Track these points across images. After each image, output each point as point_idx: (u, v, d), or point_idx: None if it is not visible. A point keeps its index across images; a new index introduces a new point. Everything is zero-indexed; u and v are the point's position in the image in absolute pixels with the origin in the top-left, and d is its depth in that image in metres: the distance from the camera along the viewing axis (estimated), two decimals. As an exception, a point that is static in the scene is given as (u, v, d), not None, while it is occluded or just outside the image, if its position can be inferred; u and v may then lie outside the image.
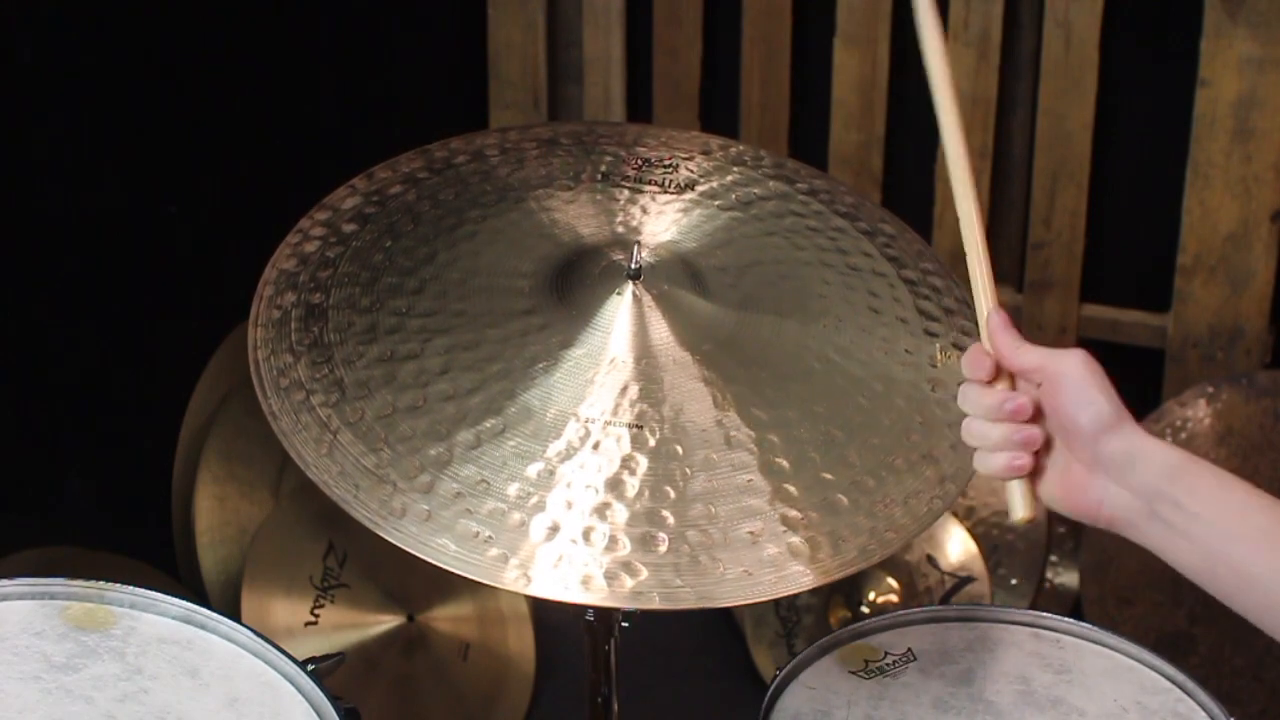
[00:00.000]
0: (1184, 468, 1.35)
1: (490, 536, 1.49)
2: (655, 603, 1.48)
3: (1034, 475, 1.39)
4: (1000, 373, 1.41)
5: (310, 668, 1.58)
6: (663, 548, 1.50)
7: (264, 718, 1.53)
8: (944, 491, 1.60)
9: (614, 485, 1.53)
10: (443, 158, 1.81)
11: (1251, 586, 1.33)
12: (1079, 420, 1.36)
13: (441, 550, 1.48)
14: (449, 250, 1.70)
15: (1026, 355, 1.40)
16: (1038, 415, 1.39)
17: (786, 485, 1.56)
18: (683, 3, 2.89)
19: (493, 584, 1.49)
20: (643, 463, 1.54)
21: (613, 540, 1.50)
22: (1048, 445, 1.39)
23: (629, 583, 1.48)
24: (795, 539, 1.53)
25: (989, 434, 1.38)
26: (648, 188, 1.80)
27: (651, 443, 1.56)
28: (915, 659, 1.74)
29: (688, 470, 1.55)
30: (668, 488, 1.54)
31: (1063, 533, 2.76)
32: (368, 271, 1.67)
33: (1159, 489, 1.35)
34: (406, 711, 2.47)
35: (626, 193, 1.79)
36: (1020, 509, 1.39)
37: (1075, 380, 1.36)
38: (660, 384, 1.60)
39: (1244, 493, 1.35)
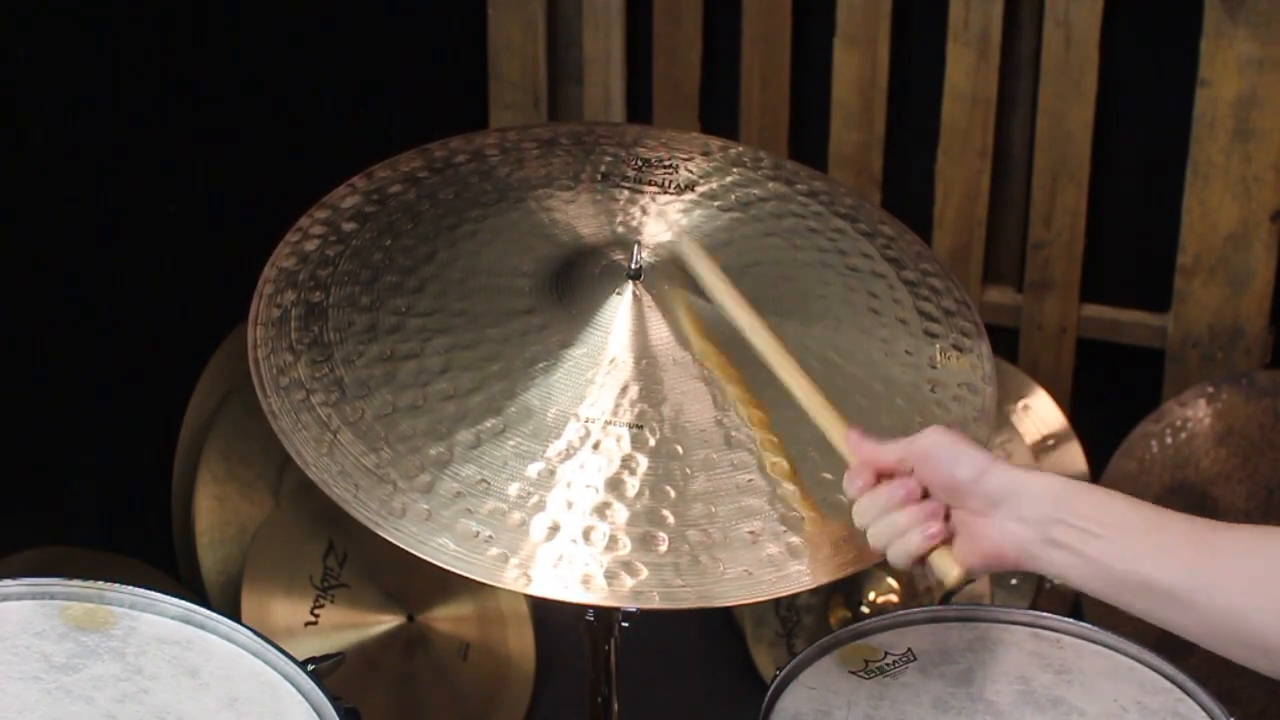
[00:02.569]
0: (1065, 488, 1.42)
1: (490, 536, 1.49)
2: (655, 602, 1.48)
3: (946, 543, 1.46)
4: (879, 478, 1.48)
5: (310, 668, 1.58)
6: (663, 547, 1.50)
7: (264, 718, 1.53)
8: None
9: (614, 485, 1.53)
10: (442, 157, 1.81)
11: (1148, 589, 1.38)
12: (958, 475, 1.44)
13: (441, 550, 1.48)
14: (449, 249, 1.70)
15: (891, 449, 1.48)
16: (926, 494, 1.47)
17: (786, 485, 1.56)
18: (683, 3, 2.89)
19: (493, 584, 1.49)
20: (643, 462, 1.54)
21: (613, 540, 1.50)
22: (946, 515, 1.46)
23: (629, 582, 1.48)
24: (795, 539, 1.53)
25: (896, 522, 1.46)
26: (648, 188, 1.80)
27: (651, 442, 1.56)
28: (915, 659, 1.74)
29: (688, 470, 1.55)
30: (668, 487, 1.54)
31: (1063, 533, 2.76)
32: (368, 270, 1.67)
33: (1046, 513, 1.41)
34: (406, 711, 2.47)
35: (626, 193, 1.79)
36: (951, 572, 1.45)
37: (940, 445, 1.46)
38: (660, 384, 1.60)
39: (1126, 502, 1.42)
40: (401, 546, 1.49)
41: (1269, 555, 1.36)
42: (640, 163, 1.83)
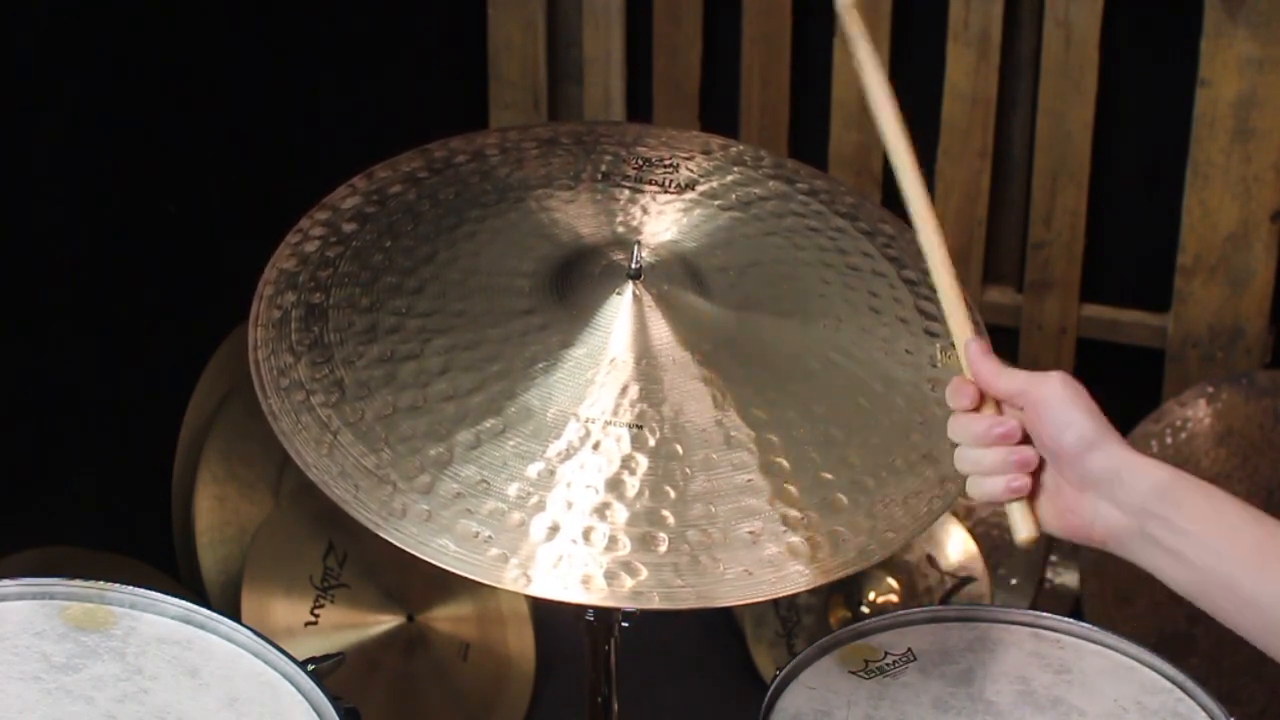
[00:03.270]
0: (1173, 484, 1.36)
1: (490, 536, 1.49)
2: (655, 602, 1.48)
3: (1030, 496, 1.40)
4: (984, 400, 1.42)
5: (310, 668, 1.58)
6: (663, 547, 1.50)
7: (264, 718, 1.53)
8: (944, 491, 1.60)
9: (614, 485, 1.53)
10: (443, 157, 1.81)
11: (1244, 604, 1.33)
12: (1064, 440, 1.37)
13: (441, 550, 1.48)
14: (449, 250, 1.70)
15: (1008, 380, 1.41)
16: (1025, 439, 1.40)
17: (786, 485, 1.56)
18: (683, 3, 2.89)
19: (493, 584, 1.49)
20: (643, 463, 1.54)
21: (613, 540, 1.50)
22: (1039, 468, 1.40)
23: (629, 582, 1.48)
24: (795, 539, 1.53)
25: (983, 459, 1.40)
26: (648, 188, 1.80)
27: (651, 443, 1.56)
28: (915, 659, 1.74)
29: (688, 470, 1.55)
30: (668, 488, 1.54)
31: (1063, 533, 2.76)
32: (368, 271, 1.67)
33: (1147, 506, 1.35)
34: (406, 711, 2.47)
35: (626, 193, 1.79)
36: (1023, 529, 1.40)
37: (1058, 401, 1.37)
38: (660, 384, 1.60)
39: (1234, 509, 1.35)
40: (401, 547, 1.49)
41: None
42: (640, 162, 1.83)
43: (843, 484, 1.57)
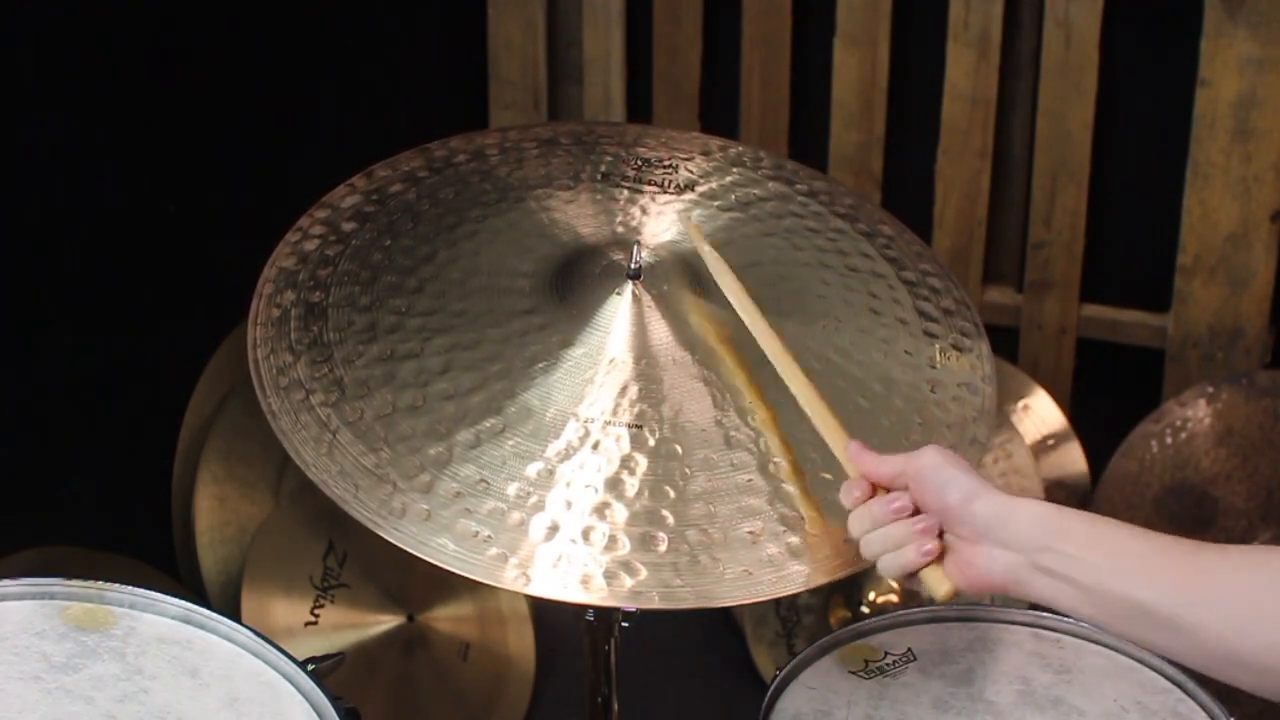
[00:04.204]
0: (1053, 516, 1.43)
1: (490, 536, 1.49)
2: (655, 602, 1.48)
3: (940, 557, 1.48)
4: (875, 490, 1.50)
5: (310, 668, 1.58)
6: (662, 547, 1.50)
7: (264, 718, 1.53)
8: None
9: (613, 485, 1.53)
10: (443, 157, 1.81)
11: (1142, 616, 1.39)
12: (947, 499, 1.45)
13: (441, 550, 1.48)
14: (449, 249, 1.70)
15: (887, 465, 1.50)
16: (918, 512, 1.48)
17: (786, 485, 1.56)
18: (683, 3, 2.89)
19: (492, 584, 1.49)
20: (642, 462, 1.54)
21: (612, 540, 1.50)
22: (940, 532, 1.48)
23: (628, 582, 1.48)
24: (795, 539, 1.53)
25: (889, 537, 1.47)
26: (647, 188, 1.80)
27: (651, 442, 1.56)
28: (915, 659, 1.74)
29: (687, 470, 1.55)
30: (667, 487, 1.54)
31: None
32: (367, 270, 1.67)
33: (1034, 540, 1.42)
34: (406, 711, 2.47)
35: (626, 193, 1.79)
36: (940, 588, 1.46)
37: (934, 467, 1.47)
38: (660, 384, 1.60)
39: (1113, 528, 1.42)
40: (401, 546, 1.49)
41: (1260, 574, 1.36)
42: (640, 162, 1.83)
43: (843, 484, 1.57)
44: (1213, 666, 1.38)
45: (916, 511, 1.47)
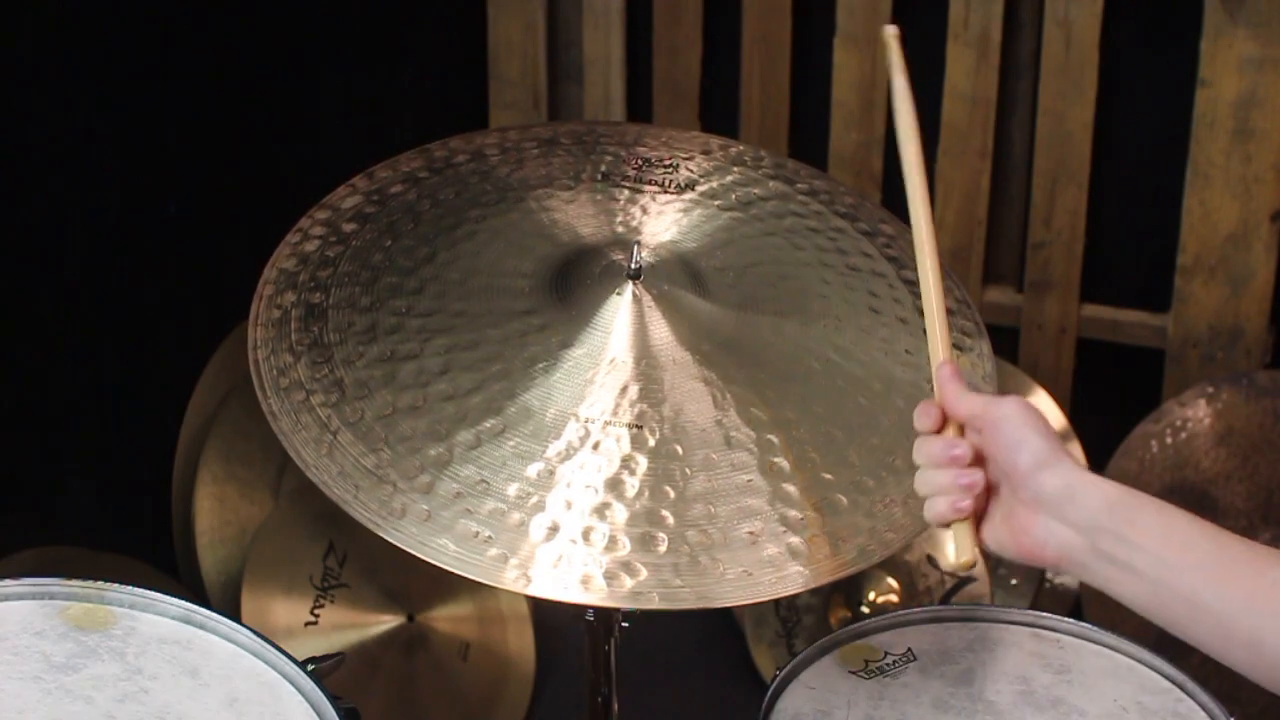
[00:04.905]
0: (1123, 501, 1.36)
1: (490, 536, 1.49)
2: (655, 603, 1.48)
3: (978, 520, 1.42)
4: (947, 422, 1.43)
5: (310, 668, 1.58)
6: (662, 548, 1.50)
7: (264, 718, 1.53)
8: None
9: (614, 485, 1.53)
10: (443, 157, 1.81)
11: (1201, 616, 1.34)
12: (1017, 460, 1.38)
13: (441, 550, 1.48)
14: (449, 250, 1.70)
15: (968, 403, 1.42)
16: (981, 461, 1.41)
17: (786, 485, 1.56)
18: (683, 3, 2.89)
19: (492, 584, 1.49)
20: (642, 463, 1.54)
21: (612, 540, 1.50)
22: (993, 491, 1.41)
23: (629, 583, 1.48)
24: (795, 539, 1.53)
25: (935, 480, 1.41)
26: (648, 188, 1.80)
27: (651, 443, 1.56)
28: (915, 659, 1.74)
29: (687, 470, 1.55)
30: (667, 488, 1.53)
31: (1063, 533, 2.76)
32: (368, 271, 1.67)
33: (1100, 523, 1.36)
34: (406, 711, 2.47)
35: (626, 193, 1.79)
36: (962, 552, 1.41)
37: (1012, 422, 1.39)
38: (660, 384, 1.60)
39: (1185, 522, 1.36)
40: (401, 547, 1.49)
41: None
42: (640, 162, 1.83)
43: (843, 484, 1.57)
44: (1264, 676, 1.34)
45: (978, 460, 1.41)
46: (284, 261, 1.68)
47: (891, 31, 1.57)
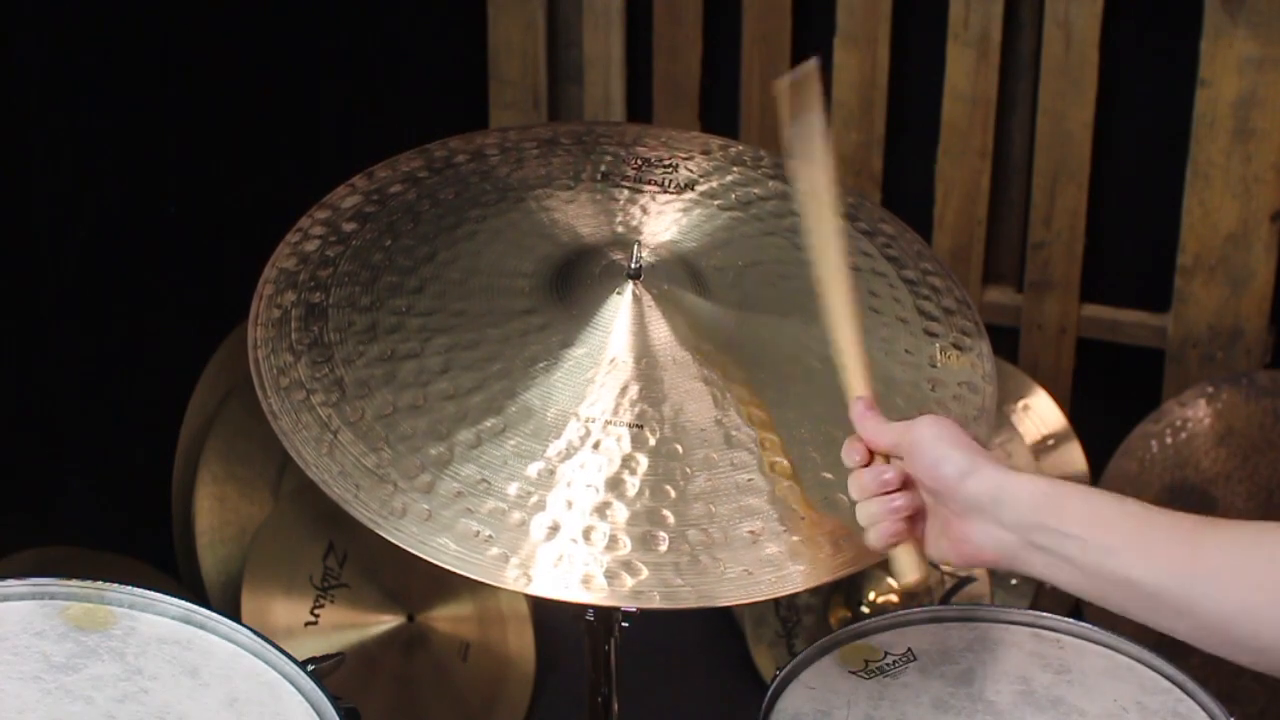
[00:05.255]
0: (1049, 493, 1.41)
1: (491, 536, 1.49)
2: (656, 602, 1.48)
3: (917, 540, 1.47)
4: (874, 456, 1.49)
5: (310, 668, 1.58)
6: (663, 547, 1.50)
7: (264, 718, 1.53)
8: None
9: (614, 484, 1.53)
10: (443, 157, 1.81)
11: (1133, 592, 1.37)
12: (940, 474, 1.43)
13: (442, 550, 1.48)
14: (449, 250, 1.70)
15: (886, 433, 1.48)
16: (910, 484, 1.46)
17: (787, 484, 1.56)
18: (683, 3, 2.89)
19: (493, 583, 1.49)
20: (643, 462, 1.54)
21: (613, 539, 1.50)
22: (928, 509, 1.47)
23: (629, 582, 1.48)
24: (795, 538, 1.53)
25: (870, 510, 1.47)
26: (648, 188, 1.80)
27: (652, 442, 1.56)
28: (915, 659, 1.74)
29: (688, 470, 1.55)
30: (668, 487, 1.53)
31: (1063, 533, 2.76)
32: (368, 270, 1.67)
33: (1029, 519, 1.40)
34: (406, 711, 2.47)
35: (626, 193, 1.79)
36: (905, 573, 1.46)
37: (928, 441, 1.44)
38: (660, 383, 1.60)
39: (1110, 503, 1.40)
40: (402, 546, 1.49)
41: (1258, 551, 1.34)
42: (640, 162, 1.83)
43: (843, 484, 1.57)
44: (1212, 644, 1.36)
45: (907, 483, 1.46)
46: (284, 261, 1.68)
47: (807, 70, 1.66)
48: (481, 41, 3.00)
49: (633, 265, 1.65)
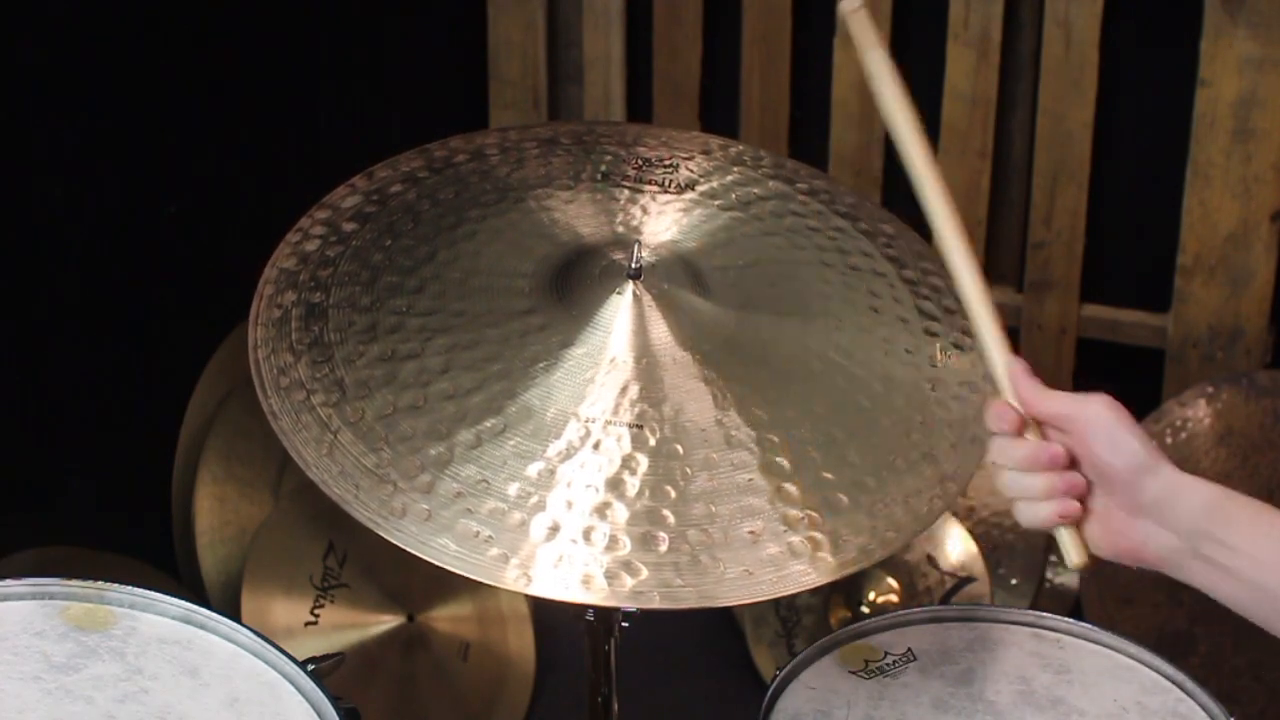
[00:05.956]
0: (1221, 504, 1.35)
1: (491, 536, 1.49)
2: (656, 602, 1.48)
3: (1079, 521, 1.39)
4: (1026, 423, 1.39)
5: (310, 668, 1.58)
6: (663, 547, 1.50)
7: (264, 718, 1.53)
8: (944, 491, 1.60)
9: (614, 485, 1.53)
10: (443, 157, 1.81)
11: None
12: (1114, 465, 1.35)
13: (442, 550, 1.48)
14: (449, 249, 1.70)
15: (1052, 403, 1.38)
16: (1072, 461, 1.38)
17: (787, 485, 1.56)
18: (683, 3, 2.89)
19: (493, 584, 1.48)
20: (643, 462, 1.54)
21: (613, 540, 1.50)
22: (1087, 490, 1.38)
23: (629, 582, 1.48)
24: (795, 538, 1.53)
25: (1031, 485, 1.37)
26: (648, 188, 1.80)
27: (652, 442, 1.56)
28: (915, 659, 1.74)
29: (688, 470, 1.55)
30: (668, 487, 1.53)
31: (1063, 533, 2.76)
32: (368, 270, 1.67)
33: (1199, 527, 1.34)
34: (406, 711, 2.47)
35: (627, 193, 1.79)
36: (1075, 555, 1.38)
37: (1105, 425, 1.36)
38: (660, 384, 1.60)
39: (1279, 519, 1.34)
40: (402, 546, 1.49)
41: None
42: (640, 162, 1.83)
43: (843, 484, 1.57)
44: None
45: (1070, 459, 1.37)
46: (284, 261, 1.68)
47: (851, 7, 1.51)
48: (481, 41, 3.00)
49: (633, 265, 1.65)
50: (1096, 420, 1.36)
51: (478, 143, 1.84)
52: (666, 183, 1.80)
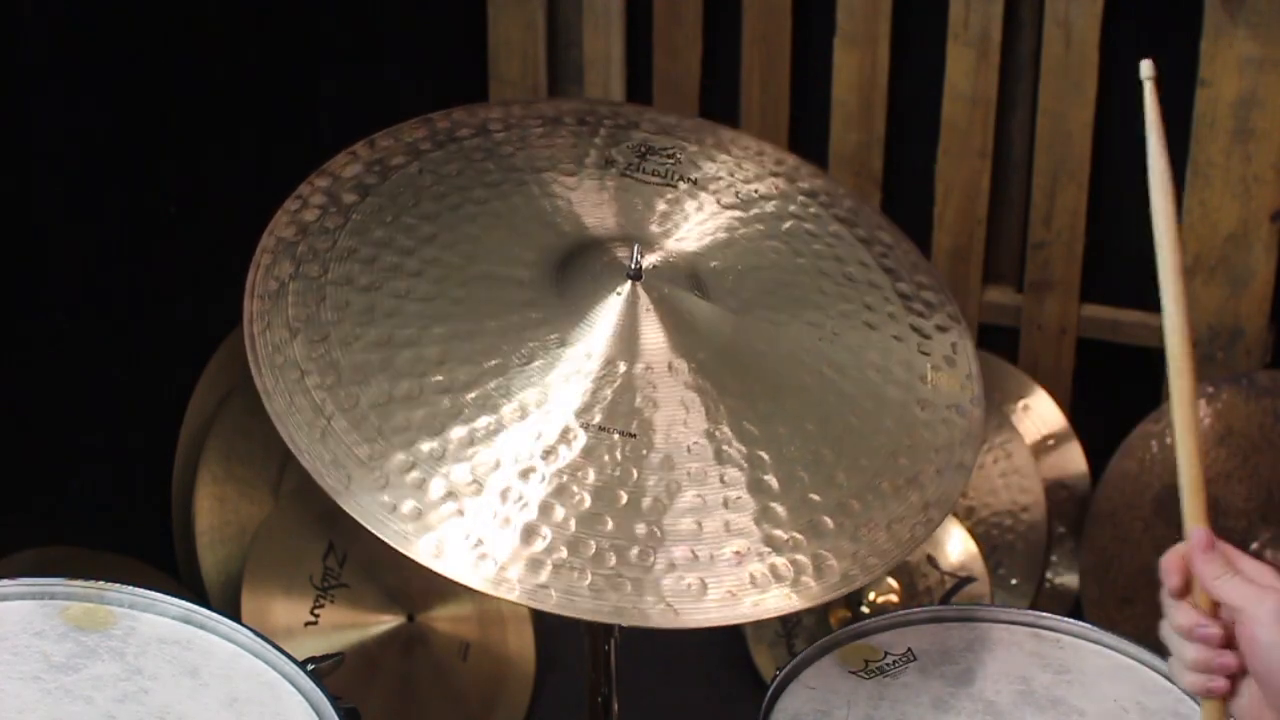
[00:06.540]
0: None
1: (480, 541, 1.48)
2: (635, 620, 1.46)
3: (1227, 696, 1.36)
4: (1192, 587, 1.36)
5: (310, 668, 1.58)
6: (650, 561, 1.49)
7: (264, 718, 1.53)
8: (926, 518, 1.59)
9: (601, 494, 1.51)
10: (445, 129, 1.78)
11: None
12: (1272, 681, 1.31)
13: (428, 553, 1.48)
14: (451, 232, 1.67)
15: (1225, 588, 1.33)
16: (1232, 641, 1.34)
17: (774, 505, 1.54)
18: (683, 2, 2.89)
19: (478, 589, 1.47)
20: (632, 473, 1.53)
21: (599, 553, 1.49)
22: (1239, 673, 1.35)
23: (612, 598, 1.47)
24: (779, 560, 1.52)
25: (1182, 651, 1.35)
26: (647, 178, 1.78)
27: (643, 452, 1.54)
28: (915, 659, 1.74)
29: (677, 483, 1.53)
30: (655, 499, 1.52)
31: (1062, 533, 2.76)
32: (367, 248, 1.65)
33: None
34: (406, 711, 2.47)
35: (650, 188, 1.77)
36: None
37: (1270, 635, 1.31)
38: (653, 392, 1.58)
39: None
40: (390, 544, 1.48)
41: None
42: (644, 149, 1.81)
43: (830, 506, 1.56)
44: None
45: (1230, 642, 1.33)
46: (282, 230, 1.66)
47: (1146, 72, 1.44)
48: (481, 41, 3.00)
49: (633, 266, 1.64)
50: (1264, 628, 1.31)
51: (481, 116, 1.81)
52: (671, 176, 1.79)
